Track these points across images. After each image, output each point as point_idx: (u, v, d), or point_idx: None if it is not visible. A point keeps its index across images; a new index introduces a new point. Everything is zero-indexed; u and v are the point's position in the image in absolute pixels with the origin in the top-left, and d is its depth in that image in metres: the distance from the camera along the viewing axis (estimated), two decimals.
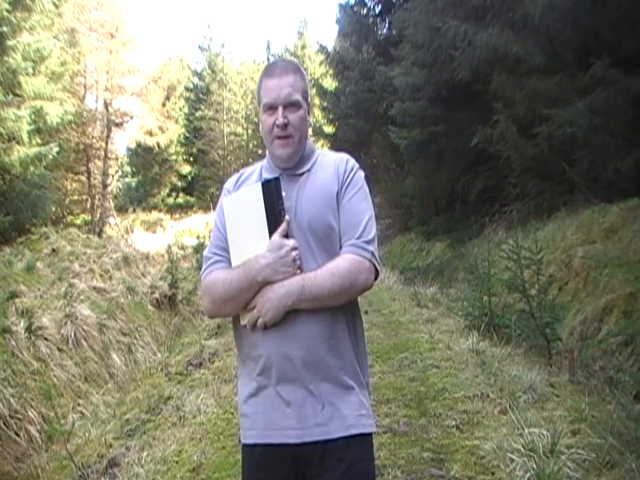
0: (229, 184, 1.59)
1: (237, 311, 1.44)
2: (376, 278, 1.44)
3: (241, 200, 1.43)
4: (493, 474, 2.71)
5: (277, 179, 1.39)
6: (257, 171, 1.55)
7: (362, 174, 1.51)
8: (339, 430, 1.35)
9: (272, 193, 1.36)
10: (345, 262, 1.37)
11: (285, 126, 1.43)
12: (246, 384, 1.45)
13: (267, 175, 1.50)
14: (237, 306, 1.42)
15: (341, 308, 1.40)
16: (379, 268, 1.44)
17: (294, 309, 1.35)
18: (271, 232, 1.36)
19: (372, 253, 1.41)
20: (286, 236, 1.37)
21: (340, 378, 1.38)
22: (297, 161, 1.48)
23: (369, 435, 1.41)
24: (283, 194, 1.41)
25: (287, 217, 1.37)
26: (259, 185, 1.40)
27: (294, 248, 1.35)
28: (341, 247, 1.43)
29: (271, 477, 1.39)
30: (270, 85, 1.45)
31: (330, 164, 1.50)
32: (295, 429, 1.35)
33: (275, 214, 1.36)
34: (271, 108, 1.44)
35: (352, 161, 1.52)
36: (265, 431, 1.38)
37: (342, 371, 1.38)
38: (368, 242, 1.41)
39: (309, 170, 1.49)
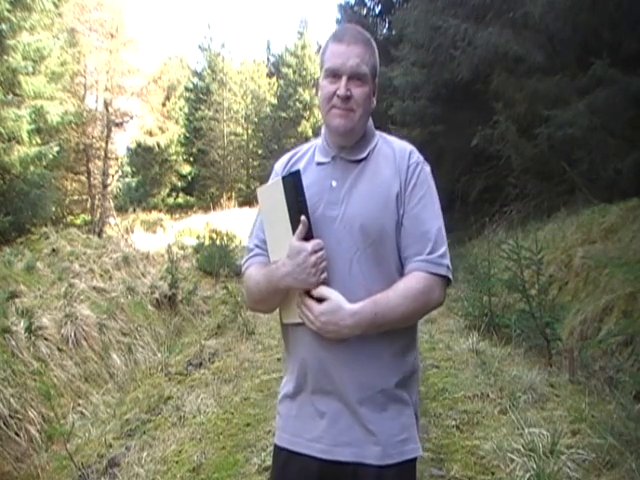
0: (278, 165, 1.44)
1: (272, 310, 1.39)
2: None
3: (269, 193, 1.31)
4: (493, 474, 2.71)
5: (296, 174, 1.25)
6: (310, 153, 1.40)
7: (428, 169, 1.35)
8: (374, 457, 1.24)
9: (290, 190, 1.23)
10: (418, 283, 1.23)
11: (347, 98, 1.27)
12: (287, 381, 1.38)
13: (320, 158, 1.36)
14: (270, 307, 1.37)
15: None
16: (452, 278, 1.29)
17: None
18: (294, 230, 1.24)
19: (447, 267, 1.27)
20: (307, 237, 1.23)
21: (381, 399, 1.26)
22: (354, 142, 1.32)
23: (411, 461, 1.28)
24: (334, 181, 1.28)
25: (303, 217, 1.21)
26: (280, 179, 1.26)
27: (315, 251, 1.20)
28: (402, 258, 1.28)
29: None
30: (337, 50, 1.28)
31: (391, 155, 1.33)
32: (325, 444, 1.26)
33: (296, 212, 1.23)
34: (334, 75, 1.28)
35: (416, 154, 1.35)
36: (294, 438, 1.31)
37: (383, 391, 1.26)
38: (442, 256, 1.26)
39: (366, 158, 1.32)
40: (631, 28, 7.20)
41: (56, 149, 15.12)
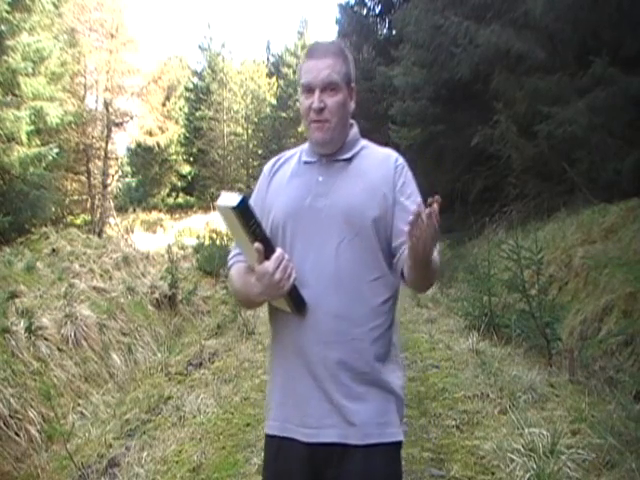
0: (267, 167, 1.53)
1: (258, 307, 1.47)
2: None
3: (225, 212, 1.30)
4: (493, 474, 2.70)
5: (243, 202, 1.23)
6: (297, 155, 1.49)
7: (410, 172, 1.46)
8: (356, 438, 1.31)
9: (242, 219, 1.24)
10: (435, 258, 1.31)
11: (321, 110, 1.36)
12: (271, 371, 1.47)
13: (307, 158, 1.45)
14: (254, 308, 1.51)
15: (372, 310, 1.34)
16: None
17: (317, 307, 1.31)
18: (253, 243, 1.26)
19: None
20: (268, 254, 1.25)
21: (359, 383, 1.33)
22: (337, 147, 1.42)
23: (394, 444, 1.34)
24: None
25: (257, 245, 1.23)
26: (230, 209, 1.24)
27: (276, 267, 1.23)
28: (393, 247, 1.36)
29: (287, 470, 1.37)
30: (308, 66, 1.38)
31: (375, 158, 1.44)
32: (311, 428, 1.33)
33: (252, 239, 1.26)
34: (309, 90, 1.38)
35: (400, 158, 1.46)
36: (285, 424, 1.38)
37: (362, 377, 1.33)
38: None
39: (350, 159, 1.42)
40: (631, 28, 7.19)
41: (56, 150, 15.13)
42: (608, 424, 2.91)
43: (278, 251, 1.26)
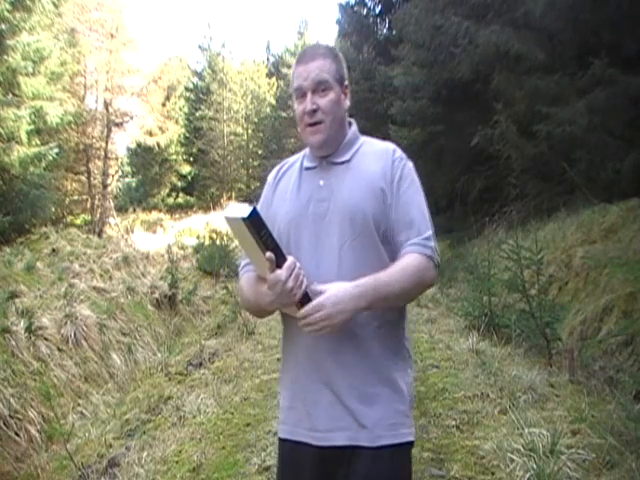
0: (271, 175, 1.54)
1: (268, 315, 1.48)
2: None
3: (234, 224, 1.29)
4: (493, 474, 2.70)
5: (254, 212, 1.23)
6: (299, 161, 1.50)
7: (411, 164, 1.44)
8: (367, 440, 1.32)
9: (253, 229, 1.24)
10: (414, 261, 1.33)
11: (314, 112, 1.36)
12: (282, 374, 1.49)
13: (308, 163, 1.46)
14: (264, 316, 1.51)
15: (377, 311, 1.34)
16: (439, 262, 1.40)
17: None
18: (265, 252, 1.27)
19: (433, 249, 1.37)
20: (280, 262, 1.25)
21: (370, 384, 1.34)
22: (336, 148, 1.41)
23: (404, 445, 1.35)
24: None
25: (268, 254, 1.23)
26: (240, 220, 1.24)
27: (289, 275, 1.23)
28: (394, 245, 1.37)
29: (300, 472, 1.38)
30: (298, 71, 1.39)
31: (374, 154, 1.43)
32: (321, 431, 1.34)
33: (263, 249, 1.25)
34: (301, 95, 1.38)
35: (399, 151, 1.44)
36: (295, 428, 1.39)
37: (372, 384, 1.33)
38: (429, 238, 1.37)
39: (350, 160, 1.41)
40: (631, 28, 7.19)
41: (55, 150, 15.12)
42: (608, 424, 2.91)
43: (290, 259, 1.26)
